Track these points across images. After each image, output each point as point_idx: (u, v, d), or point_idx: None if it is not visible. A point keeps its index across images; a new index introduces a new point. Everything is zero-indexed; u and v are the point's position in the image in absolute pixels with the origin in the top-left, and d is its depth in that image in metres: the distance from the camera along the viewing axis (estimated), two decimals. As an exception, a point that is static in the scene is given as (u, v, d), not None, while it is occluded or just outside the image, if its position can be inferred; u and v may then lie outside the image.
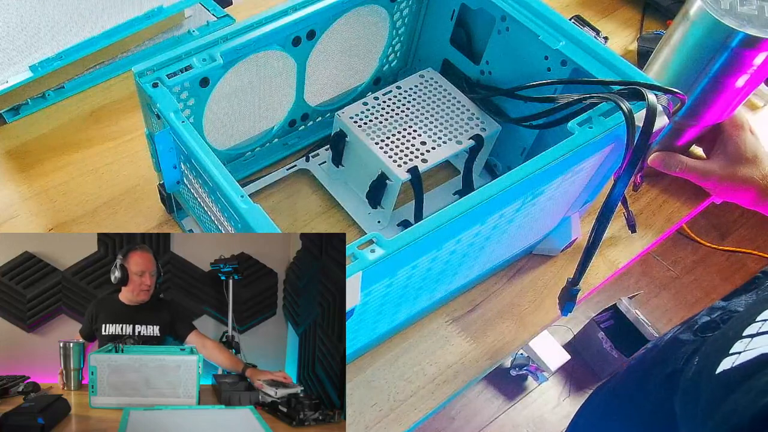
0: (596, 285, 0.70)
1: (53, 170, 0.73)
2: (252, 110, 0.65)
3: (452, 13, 0.68)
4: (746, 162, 0.66)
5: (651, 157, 0.71)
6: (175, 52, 0.54)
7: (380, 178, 0.64)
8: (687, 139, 0.71)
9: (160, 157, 0.58)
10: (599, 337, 1.51)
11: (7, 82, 0.73)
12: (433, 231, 0.45)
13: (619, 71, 0.55)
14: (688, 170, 0.69)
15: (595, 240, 0.53)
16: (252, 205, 0.46)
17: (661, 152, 0.70)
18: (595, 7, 0.95)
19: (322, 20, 0.62)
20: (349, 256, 0.43)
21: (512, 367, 1.54)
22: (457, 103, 0.67)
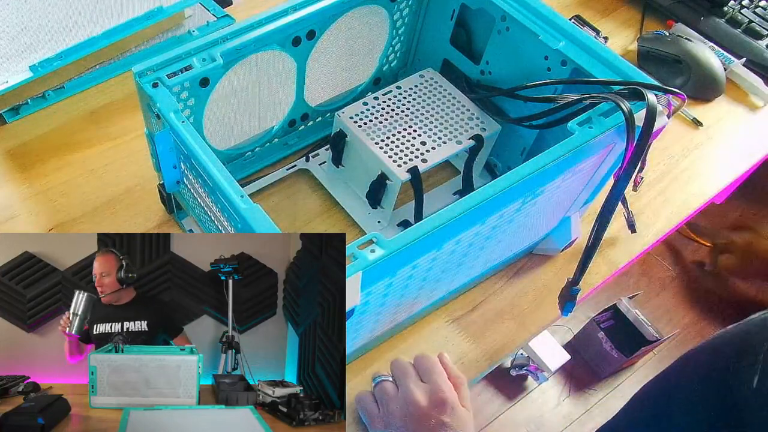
0: (596, 285, 0.70)
1: (53, 170, 0.73)
2: (252, 110, 0.65)
3: (452, 13, 0.68)
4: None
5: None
6: (175, 52, 0.54)
7: (380, 178, 0.64)
8: None
9: (160, 157, 0.58)
10: (599, 337, 1.51)
11: (7, 82, 0.73)
12: (433, 231, 0.45)
13: (619, 71, 0.55)
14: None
15: (595, 240, 0.53)
16: (252, 205, 0.46)
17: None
18: (595, 7, 0.95)
19: (322, 20, 0.62)
20: (349, 256, 0.43)
21: (512, 367, 1.54)
22: (457, 103, 0.67)
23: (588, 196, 0.64)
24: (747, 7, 0.92)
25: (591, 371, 1.57)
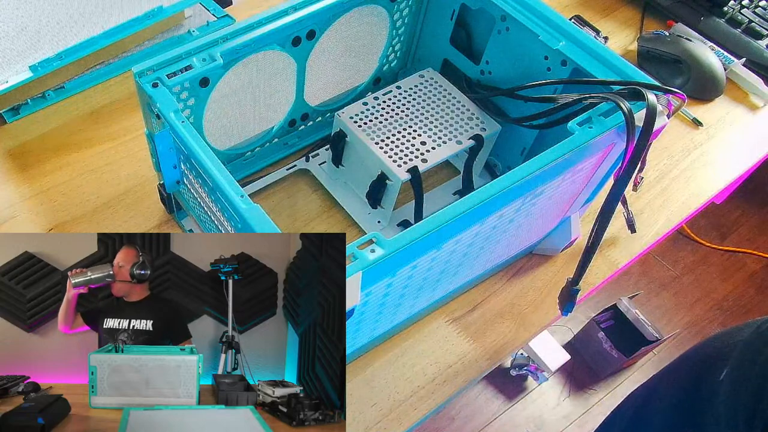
0: (596, 285, 0.70)
1: (53, 170, 0.73)
2: (252, 110, 0.65)
3: (452, 13, 0.68)
4: None
5: None
6: (175, 52, 0.54)
7: (380, 178, 0.64)
8: None
9: (160, 157, 0.58)
10: (599, 337, 1.51)
11: (7, 82, 0.73)
12: (433, 231, 0.45)
13: (619, 71, 0.55)
14: None
15: (595, 240, 0.53)
16: (252, 205, 0.46)
17: None
18: (595, 7, 0.95)
19: (322, 20, 0.62)
20: (349, 256, 0.43)
21: (512, 367, 1.54)
22: (457, 103, 0.67)
23: (588, 196, 0.64)
24: (747, 7, 0.92)
25: (591, 371, 1.57)
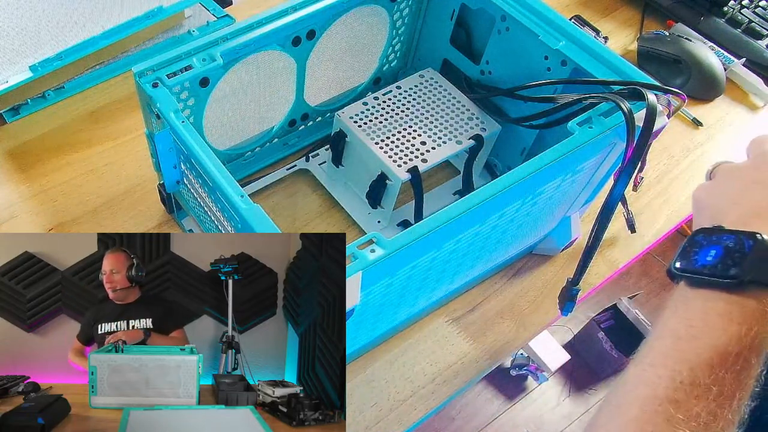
0: (596, 285, 0.70)
1: (53, 170, 0.73)
2: (252, 110, 0.65)
3: (452, 13, 0.68)
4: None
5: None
6: (175, 52, 0.54)
7: (380, 178, 0.64)
8: None
9: (160, 157, 0.58)
10: (599, 337, 1.51)
11: (7, 82, 0.73)
12: (433, 231, 0.45)
13: (619, 71, 0.55)
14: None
15: (595, 240, 0.53)
16: (252, 205, 0.46)
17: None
18: (595, 7, 0.95)
19: (322, 20, 0.62)
20: (349, 256, 0.43)
21: (512, 367, 1.54)
22: (457, 103, 0.67)
23: (588, 196, 0.64)
24: (747, 7, 0.92)
25: (591, 371, 1.57)
